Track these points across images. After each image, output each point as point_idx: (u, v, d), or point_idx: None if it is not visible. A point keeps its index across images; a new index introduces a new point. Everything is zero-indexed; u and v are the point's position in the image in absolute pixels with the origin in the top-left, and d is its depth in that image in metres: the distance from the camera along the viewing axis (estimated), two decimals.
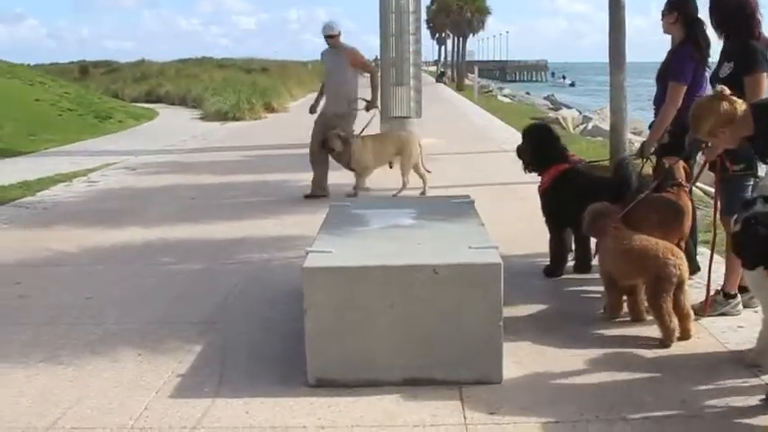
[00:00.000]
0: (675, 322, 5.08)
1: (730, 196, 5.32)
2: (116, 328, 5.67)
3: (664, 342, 5.08)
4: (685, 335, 5.14)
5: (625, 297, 5.58)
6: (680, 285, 5.11)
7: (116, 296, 6.46)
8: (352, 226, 5.57)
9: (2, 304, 6.28)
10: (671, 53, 6.33)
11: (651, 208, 5.66)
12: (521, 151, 6.94)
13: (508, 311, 4.54)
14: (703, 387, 4.47)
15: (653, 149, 6.26)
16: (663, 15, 6.36)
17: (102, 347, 5.29)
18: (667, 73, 6.24)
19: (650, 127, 6.62)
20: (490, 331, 4.52)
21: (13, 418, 4.27)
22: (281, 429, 4.09)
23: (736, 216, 4.50)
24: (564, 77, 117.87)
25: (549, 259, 6.77)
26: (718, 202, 5.53)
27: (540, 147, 6.81)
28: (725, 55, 5.53)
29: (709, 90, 5.99)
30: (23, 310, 6.13)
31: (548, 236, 6.76)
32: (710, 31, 5.93)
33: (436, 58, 71.59)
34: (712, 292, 5.59)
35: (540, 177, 6.82)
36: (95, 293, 6.52)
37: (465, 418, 4.15)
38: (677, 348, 5.04)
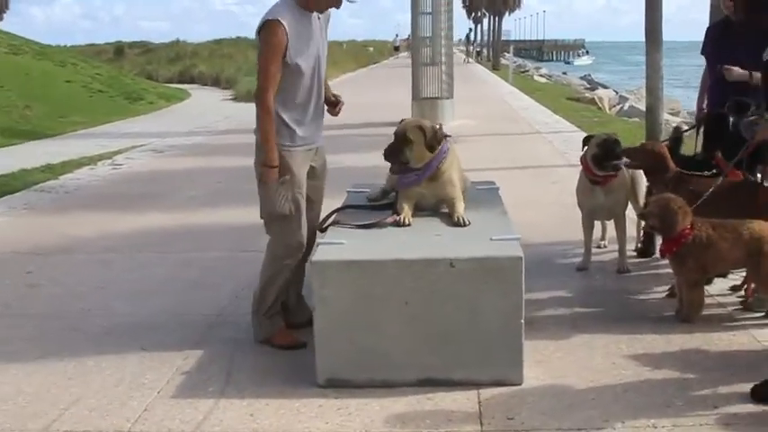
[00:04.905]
0: None
1: None
2: (123, 321, 5.47)
3: None
4: None
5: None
6: None
7: (127, 286, 6.26)
8: (369, 214, 5.26)
9: (10, 294, 6.11)
10: None
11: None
12: None
13: (531, 305, 4.27)
14: (738, 390, 4.15)
15: None
16: None
17: (106, 341, 5.10)
18: None
19: None
20: (510, 329, 4.26)
21: (7, 418, 4.09)
22: None
23: None
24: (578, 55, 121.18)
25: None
26: None
27: None
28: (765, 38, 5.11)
29: None
30: (31, 301, 5.97)
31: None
32: None
33: (470, 37, 70.87)
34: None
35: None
36: (107, 283, 6.34)
37: (482, 423, 3.90)
38: (710, 347, 4.75)
